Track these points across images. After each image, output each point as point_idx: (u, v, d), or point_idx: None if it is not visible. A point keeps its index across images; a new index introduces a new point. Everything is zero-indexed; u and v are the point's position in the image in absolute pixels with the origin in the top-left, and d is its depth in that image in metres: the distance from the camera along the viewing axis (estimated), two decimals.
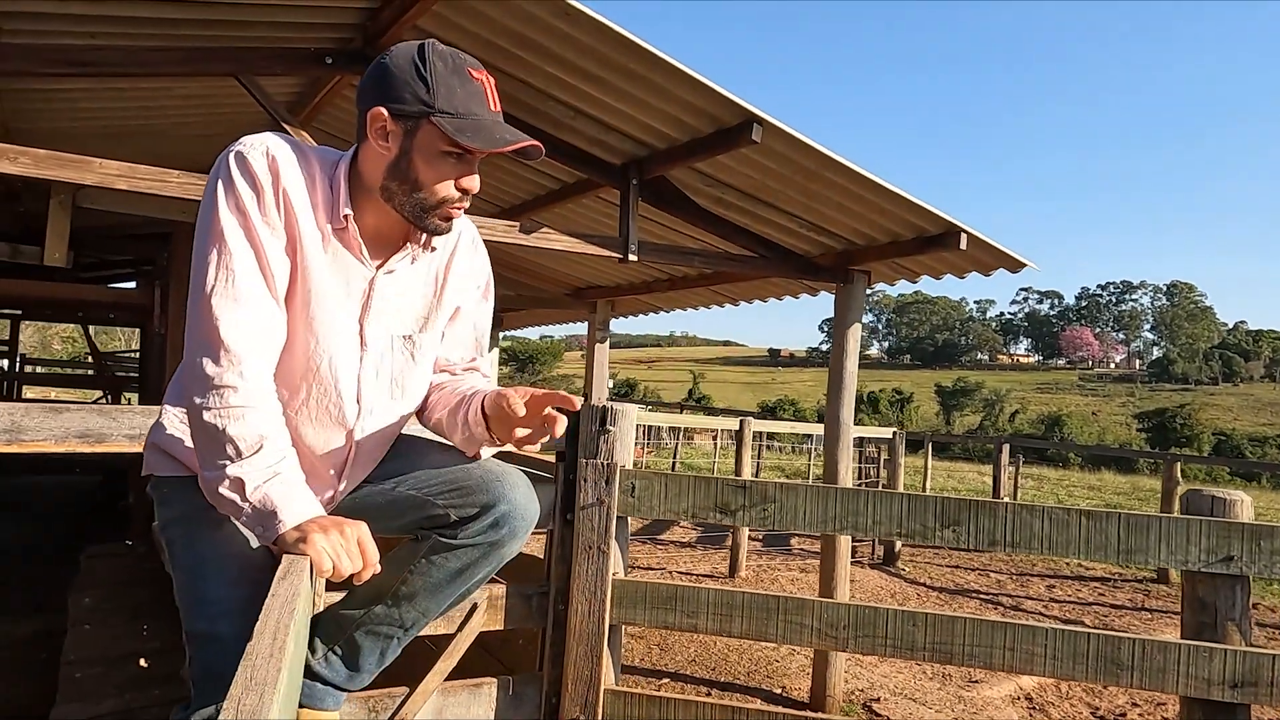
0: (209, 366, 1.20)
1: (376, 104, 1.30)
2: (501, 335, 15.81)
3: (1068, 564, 9.00)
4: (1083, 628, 2.14)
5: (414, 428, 1.58)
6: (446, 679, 2.23)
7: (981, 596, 7.47)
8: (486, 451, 1.50)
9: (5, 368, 13.34)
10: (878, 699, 4.72)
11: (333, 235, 1.34)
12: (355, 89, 4.11)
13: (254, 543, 1.28)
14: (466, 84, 1.30)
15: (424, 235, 1.40)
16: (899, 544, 8.59)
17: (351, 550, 1.16)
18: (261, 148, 1.29)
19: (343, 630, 1.46)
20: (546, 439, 1.39)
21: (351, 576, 1.14)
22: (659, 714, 2.34)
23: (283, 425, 1.26)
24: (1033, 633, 2.15)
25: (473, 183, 1.33)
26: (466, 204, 1.36)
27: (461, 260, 1.53)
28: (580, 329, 7.83)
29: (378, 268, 1.39)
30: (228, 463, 1.18)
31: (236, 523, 1.23)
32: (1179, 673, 2.05)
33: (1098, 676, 2.09)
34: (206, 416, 1.19)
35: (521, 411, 1.35)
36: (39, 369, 20.06)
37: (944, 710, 4.65)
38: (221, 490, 1.18)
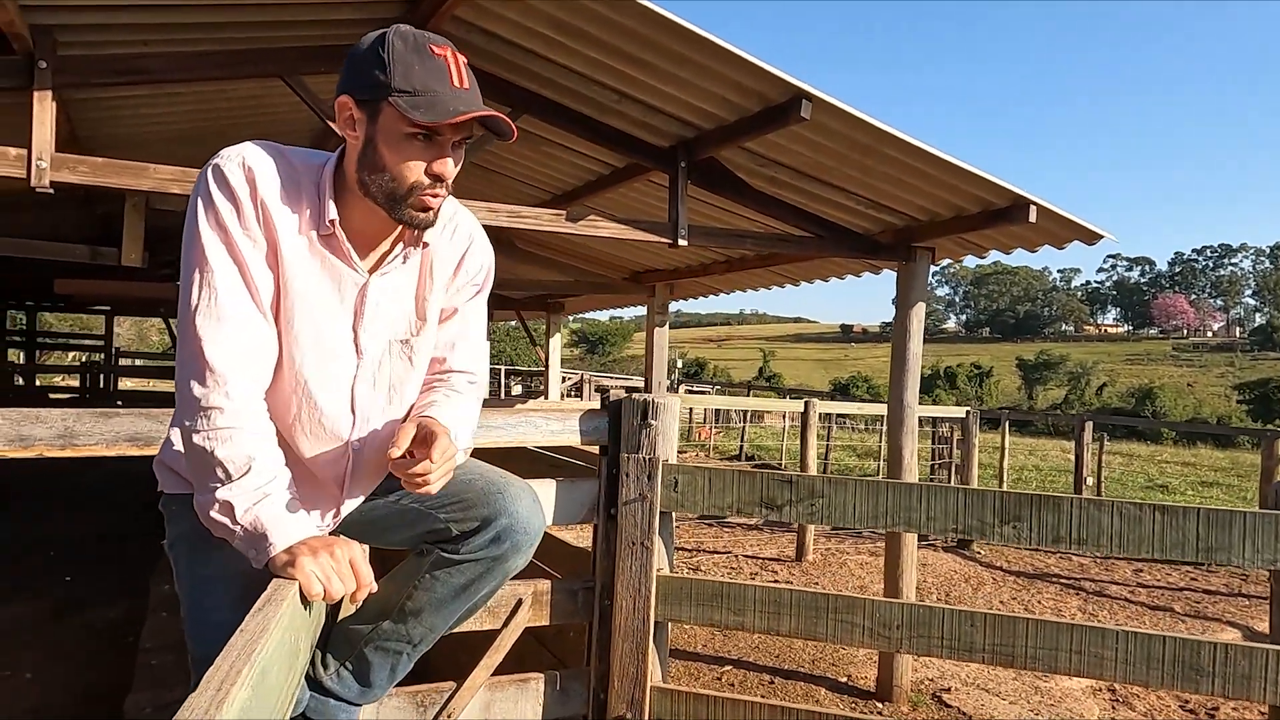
0: (195, 388, 1.19)
1: (342, 93, 1.26)
2: (570, 318, 15.94)
3: None
4: (1159, 630, 2.00)
5: None
6: (493, 673, 2.24)
7: (1062, 581, 7.17)
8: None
9: (101, 361, 14.12)
10: (948, 689, 4.58)
11: (320, 242, 1.30)
12: None
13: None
14: (426, 61, 1.22)
15: (414, 231, 1.34)
16: None
17: (343, 571, 1.14)
18: (237, 159, 1.25)
19: (353, 646, 1.45)
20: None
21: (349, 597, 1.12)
22: (707, 713, 2.29)
23: (273, 444, 1.24)
24: (1102, 635, 2.02)
25: (444, 167, 1.25)
26: (441, 190, 1.28)
27: (456, 255, 1.46)
28: None
29: (370, 271, 1.34)
30: (217, 485, 1.17)
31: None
32: (1265, 680, 1.90)
33: (1175, 683, 1.95)
34: (195, 439, 1.18)
35: (394, 454, 1.25)
36: (136, 361, 21.21)
37: (1019, 701, 4.48)
38: (212, 514, 1.17)
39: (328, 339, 1.32)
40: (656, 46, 3.20)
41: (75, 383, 14.19)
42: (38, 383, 14.13)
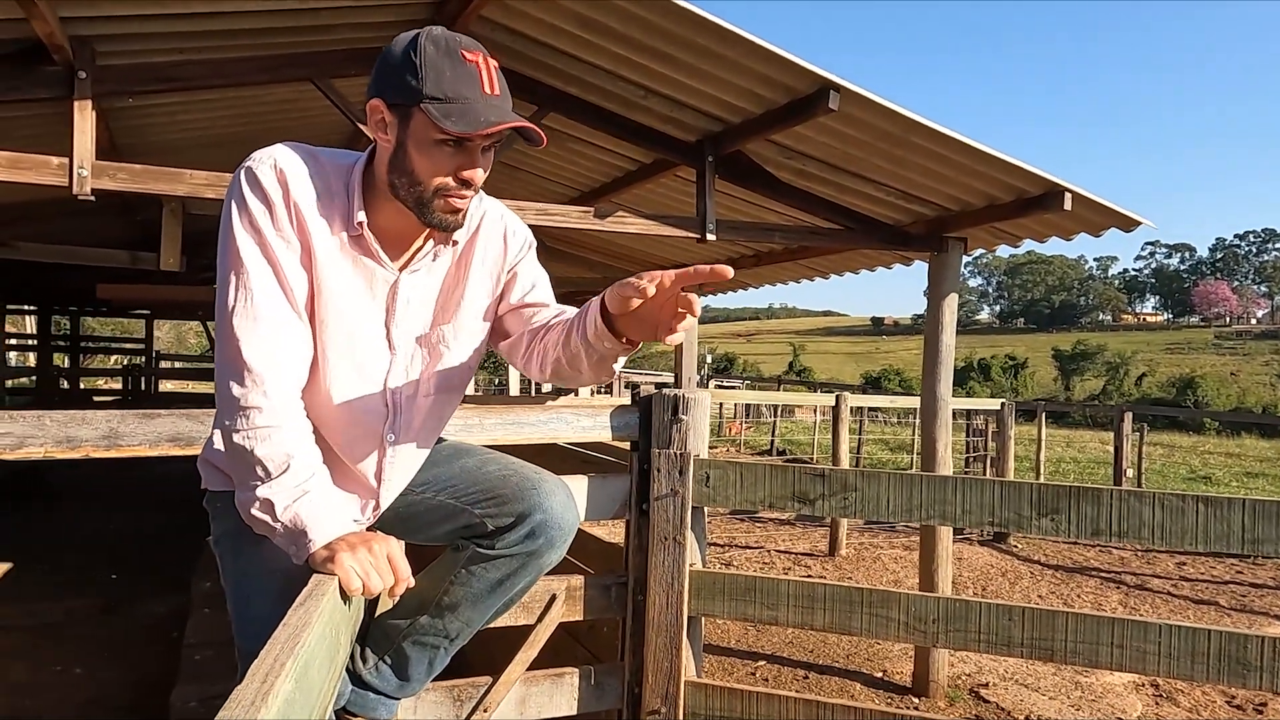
0: (234, 389, 1.21)
1: (374, 96, 1.26)
2: None
3: None
4: (1204, 624, 1.96)
5: (454, 432, 1.55)
6: (529, 668, 2.25)
7: (1102, 575, 7.05)
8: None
9: (142, 363, 14.44)
10: (986, 684, 4.53)
11: (350, 242, 1.31)
12: None
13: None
14: (458, 66, 1.22)
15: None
16: None
17: (381, 566, 1.16)
18: (269, 161, 1.27)
19: (391, 641, 1.47)
20: (688, 324, 1.23)
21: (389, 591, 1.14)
22: (740, 707, 2.29)
23: (310, 442, 1.25)
24: (1144, 628, 1.98)
25: (473, 174, 1.26)
26: (469, 194, 1.28)
27: (497, 246, 1.47)
28: None
29: (400, 269, 1.36)
30: (257, 484, 1.19)
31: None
32: None
33: (1220, 678, 1.91)
34: (235, 438, 1.20)
35: (652, 291, 1.20)
36: (176, 364, 21.66)
37: (1059, 697, 4.42)
38: (254, 511, 1.19)
39: (361, 336, 1.34)
40: (682, 41, 3.20)
41: (118, 385, 14.53)
42: (82, 385, 14.49)
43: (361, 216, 1.29)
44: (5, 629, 4.66)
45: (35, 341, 13.33)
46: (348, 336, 1.33)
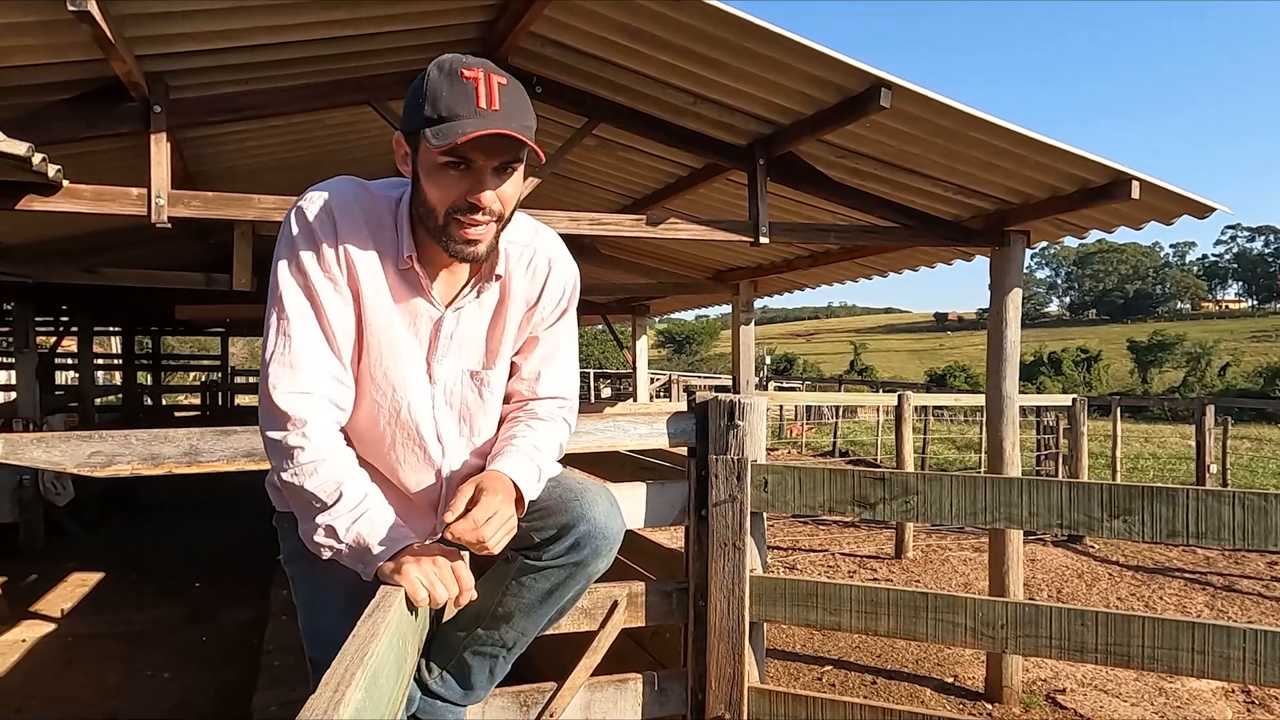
0: (275, 433, 1.25)
1: (398, 131, 1.28)
2: (655, 319, 16.01)
3: None
4: None
5: None
6: (593, 674, 2.28)
7: (1186, 576, 6.75)
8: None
9: (219, 379, 15.03)
10: (1063, 690, 4.38)
11: (400, 277, 1.32)
12: None
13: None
14: (455, 85, 1.19)
15: (486, 264, 1.34)
16: None
17: (446, 577, 1.19)
18: (320, 201, 1.28)
19: (452, 651, 1.51)
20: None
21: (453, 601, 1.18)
22: (806, 713, 2.28)
23: (356, 468, 1.29)
24: (1228, 633, 1.90)
25: (480, 197, 1.21)
26: (482, 219, 1.23)
27: (536, 287, 1.43)
28: None
29: (446, 306, 1.36)
30: (316, 514, 1.24)
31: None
32: None
33: None
34: (285, 477, 1.25)
35: (449, 518, 1.23)
36: (251, 379, 22.47)
37: (1140, 703, 4.25)
38: (318, 539, 1.25)
39: (406, 370, 1.36)
40: (729, 46, 3.20)
41: (196, 400, 15.13)
42: (164, 402, 15.15)
43: (410, 249, 1.30)
44: (102, 636, 4.92)
45: (120, 361, 14.00)
46: (395, 371, 1.35)
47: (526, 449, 1.38)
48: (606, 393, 18.33)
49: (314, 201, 1.29)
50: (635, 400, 9.93)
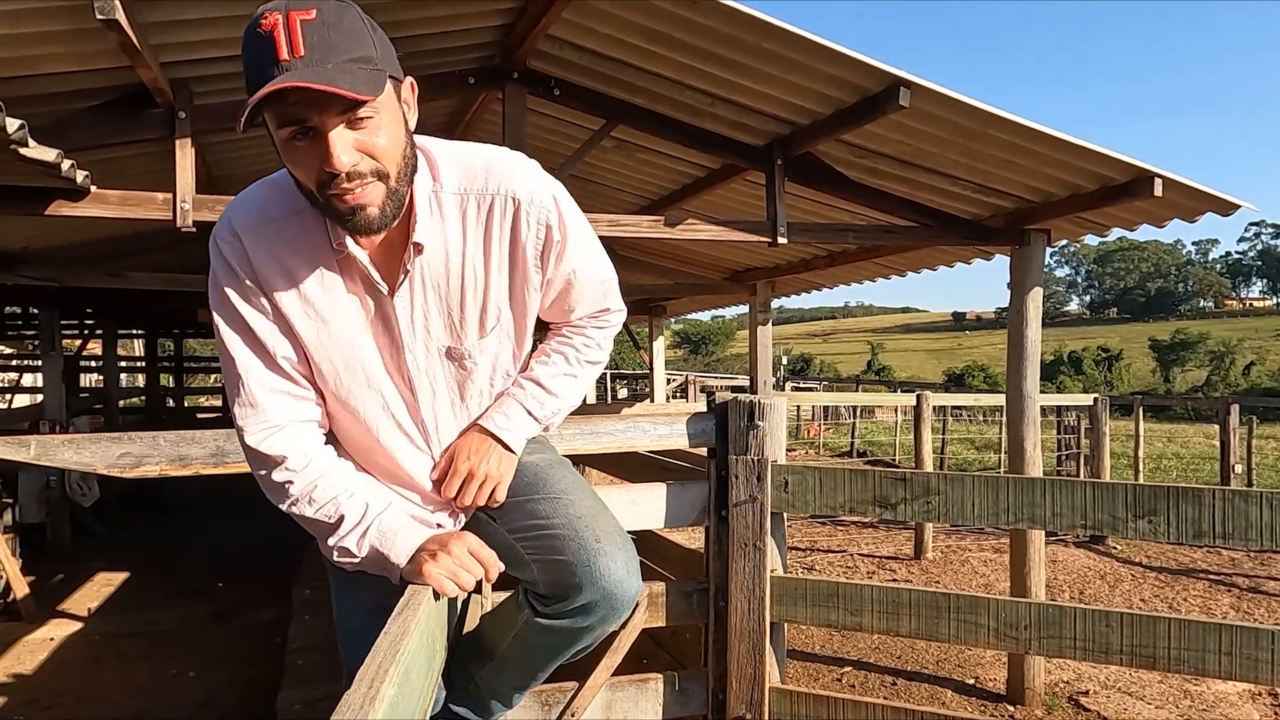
0: (262, 475, 1.26)
1: None
2: (672, 320, 15.98)
3: None
4: None
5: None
6: (614, 674, 2.29)
7: (1211, 577, 6.67)
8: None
9: None
10: (1085, 691, 4.35)
11: (341, 268, 1.23)
12: (499, 105, 4.15)
13: None
14: (255, 42, 1.03)
15: (409, 231, 1.21)
16: None
17: (467, 563, 1.20)
18: (226, 227, 1.21)
19: (465, 687, 1.52)
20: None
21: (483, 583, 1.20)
22: (826, 713, 2.28)
23: (352, 479, 1.29)
24: (1255, 635, 1.88)
25: (334, 163, 1.05)
26: (350, 185, 1.08)
27: (494, 235, 1.27)
28: None
29: (392, 289, 1.24)
30: (327, 536, 1.26)
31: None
32: None
33: None
34: (285, 508, 1.27)
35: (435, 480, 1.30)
36: None
37: (1165, 706, 4.21)
38: (336, 558, 1.27)
39: (368, 365, 1.28)
40: (746, 46, 3.20)
41: (217, 402, 15.28)
42: (185, 403, 15.33)
43: (338, 236, 1.19)
44: (128, 635, 4.99)
45: (144, 363, 14.18)
46: (358, 371, 1.28)
47: (512, 391, 1.41)
48: (623, 393, 18.33)
49: (222, 230, 1.22)
50: (652, 401, 9.93)
